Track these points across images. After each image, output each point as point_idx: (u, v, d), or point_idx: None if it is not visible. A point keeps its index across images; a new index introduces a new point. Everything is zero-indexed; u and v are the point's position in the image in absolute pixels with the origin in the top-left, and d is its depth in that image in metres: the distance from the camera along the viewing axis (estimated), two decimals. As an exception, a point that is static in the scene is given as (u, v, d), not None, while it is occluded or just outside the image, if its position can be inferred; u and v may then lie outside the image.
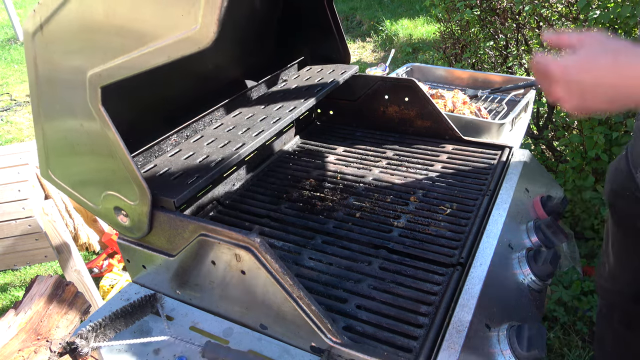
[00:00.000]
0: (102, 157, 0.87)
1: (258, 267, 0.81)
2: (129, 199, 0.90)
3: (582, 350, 1.93)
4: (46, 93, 0.86)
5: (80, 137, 0.87)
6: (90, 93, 0.79)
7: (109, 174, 0.89)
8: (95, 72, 0.76)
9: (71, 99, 0.83)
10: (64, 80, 0.82)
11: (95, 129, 0.83)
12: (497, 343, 0.86)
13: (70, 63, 0.80)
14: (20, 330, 1.11)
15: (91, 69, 0.77)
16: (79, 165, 0.92)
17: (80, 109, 0.82)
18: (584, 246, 2.33)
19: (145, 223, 0.91)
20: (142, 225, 0.92)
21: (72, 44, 0.78)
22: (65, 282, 1.20)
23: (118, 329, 0.89)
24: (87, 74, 0.77)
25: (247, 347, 0.88)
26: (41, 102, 0.88)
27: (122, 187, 0.89)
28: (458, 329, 0.84)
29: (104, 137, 0.82)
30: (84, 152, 0.89)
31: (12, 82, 5.43)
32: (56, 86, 0.84)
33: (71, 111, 0.85)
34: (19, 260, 1.95)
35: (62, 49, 0.80)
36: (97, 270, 2.53)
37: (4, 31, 7.00)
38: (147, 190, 0.86)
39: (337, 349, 0.81)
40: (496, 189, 1.22)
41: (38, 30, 0.80)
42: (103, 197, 0.93)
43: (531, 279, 1.02)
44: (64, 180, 0.97)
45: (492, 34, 2.85)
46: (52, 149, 0.94)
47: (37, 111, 0.90)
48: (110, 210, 0.93)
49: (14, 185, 1.85)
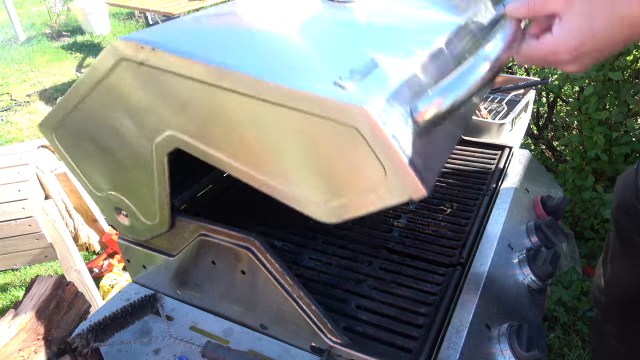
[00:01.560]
0: (132, 164, 0.83)
1: (258, 267, 0.81)
2: (143, 217, 0.89)
3: (582, 351, 1.93)
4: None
5: (113, 139, 0.83)
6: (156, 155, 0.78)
7: (132, 183, 0.86)
8: (180, 138, 0.74)
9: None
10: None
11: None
12: (497, 343, 0.86)
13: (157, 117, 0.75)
14: (20, 330, 1.11)
15: (178, 134, 0.73)
16: (97, 156, 0.87)
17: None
18: (584, 246, 2.33)
19: (148, 237, 0.92)
20: (144, 236, 0.92)
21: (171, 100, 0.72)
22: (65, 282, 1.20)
23: (118, 329, 0.89)
24: (167, 133, 0.75)
25: (247, 347, 0.88)
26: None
27: (141, 204, 0.88)
28: (458, 329, 0.84)
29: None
30: (109, 149, 0.85)
31: (12, 82, 5.43)
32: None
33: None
34: (19, 260, 1.95)
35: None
36: (97, 270, 2.53)
37: (4, 31, 7.00)
38: (168, 223, 0.87)
39: (337, 349, 0.81)
40: (496, 189, 1.22)
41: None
42: (109, 193, 0.91)
43: (531, 279, 1.02)
44: (69, 153, 0.90)
45: (492, 34, 2.85)
46: (71, 124, 0.85)
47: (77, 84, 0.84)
48: (110, 207, 0.93)
49: (14, 185, 1.85)
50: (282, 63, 0.65)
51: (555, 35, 0.63)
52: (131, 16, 7.20)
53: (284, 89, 0.58)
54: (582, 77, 2.14)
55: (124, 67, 0.72)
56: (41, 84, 5.35)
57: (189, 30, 0.76)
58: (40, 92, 5.18)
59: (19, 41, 6.57)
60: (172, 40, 0.69)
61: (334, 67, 0.63)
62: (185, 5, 4.70)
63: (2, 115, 4.68)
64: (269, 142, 0.65)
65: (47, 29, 6.81)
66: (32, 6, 7.88)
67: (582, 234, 2.34)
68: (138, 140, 0.79)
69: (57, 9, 6.63)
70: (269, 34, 0.75)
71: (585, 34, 0.61)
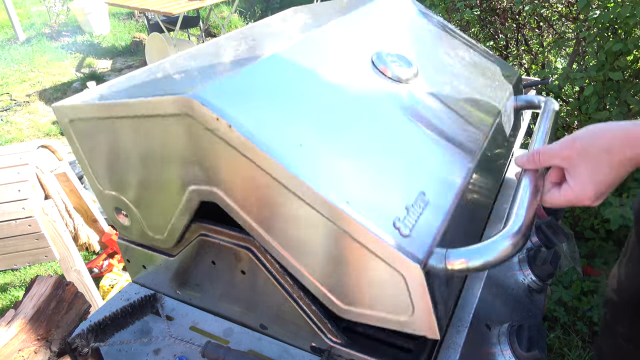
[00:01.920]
0: (154, 187, 0.82)
1: (258, 267, 0.81)
2: (148, 228, 0.89)
3: (582, 351, 1.93)
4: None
5: (141, 163, 0.81)
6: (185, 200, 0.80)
7: (146, 199, 0.86)
8: (222, 198, 0.75)
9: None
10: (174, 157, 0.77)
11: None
12: (497, 343, 0.86)
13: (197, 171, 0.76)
14: (20, 330, 1.11)
15: (224, 196, 0.75)
16: (114, 160, 0.85)
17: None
18: (584, 246, 2.33)
19: (145, 243, 0.92)
20: (141, 240, 0.92)
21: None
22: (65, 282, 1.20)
23: (118, 329, 0.89)
24: (211, 189, 0.76)
25: (247, 347, 0.88)
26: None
27: (149, 217, 0.87)
28: (458, 329, 0.84)
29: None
30: (132, 165, 0.83)
31: (12, 82, 5.43)
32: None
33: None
34: (19, 260, 1.95)
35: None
36: (97, 270, 2.53)
37: (4, 31, 7.01)
38: (175, 242, 0.87)
39: (337, 349, 0.81)
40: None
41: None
42: (114, 194, 0.90)
43: (531, 279, 1.02)
44: (82, 145, 0.88)
45: (492, 34, 2.85)
46: (97, 127, 0.83)
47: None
48: (111, 205, 0.93)
49: (14, 185, 1.85)
50: (351, 186, 0.68)
51: (573, 187, 0.70)
52: (131, 16, 7.21)
53: (350, 221, 0.64)
54: (582, 77, 2.14)
55: (187, 122, 0.70)
56: (41, 84, 5.36)
57: (267, 111, 0.73)
58: (40, 92, 5.18)
59: (18, 41, 6.57)
60: (249, 118, 0.69)
61: (393, 200, 0.69)
62: (185, 5, 4.70)
63: (2, 115, 4.68)
64: (318, 248, 0.70)
65: (47, 29, 6.81)
66: (32, 6, 7.88)
67: (582, 234, 2.34)
68: (171, 178, 0.79)
69: (57, 9, 6.63)
70: (337, 136, 0.75)
71: (597, 183, 0.68)
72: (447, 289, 0.71)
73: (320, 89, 0.82)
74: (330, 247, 0.68)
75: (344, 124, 0.77)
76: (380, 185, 0.71)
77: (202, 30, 5.81)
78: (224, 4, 6.90)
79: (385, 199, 0.69)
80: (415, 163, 0.79)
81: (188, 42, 5.27)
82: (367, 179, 0.70)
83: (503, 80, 1.18)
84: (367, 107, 0.83)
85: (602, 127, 0.68)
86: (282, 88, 0.78)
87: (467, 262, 0.65)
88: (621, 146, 0.65)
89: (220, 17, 6.52)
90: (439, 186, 0.76)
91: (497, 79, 1.16)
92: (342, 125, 0.77)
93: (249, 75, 0.77)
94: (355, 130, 0.77)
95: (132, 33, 6.58)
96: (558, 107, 1.02)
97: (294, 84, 0.80)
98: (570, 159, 0.69)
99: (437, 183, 0.77)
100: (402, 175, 0.75)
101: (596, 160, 0.67)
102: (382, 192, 0.69)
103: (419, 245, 0.65)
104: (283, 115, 0.73)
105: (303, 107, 0.76)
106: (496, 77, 1.17)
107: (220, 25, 5.77)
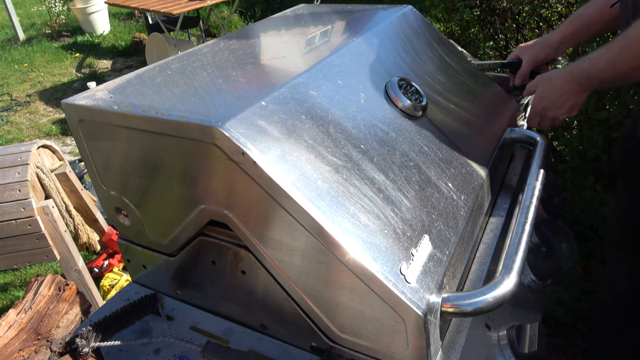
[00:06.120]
0: (163, 198, 0.83)
1: (258, 267, 0.81)
2: (149, 231, 0.90)
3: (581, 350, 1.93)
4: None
5: (153, 173, 0.82)
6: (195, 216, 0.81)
7: (152, 206, 0.86)
8: (234, 220, 0.77)
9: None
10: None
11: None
12: (497, 343, 0.86)
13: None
14: (21, 330, 1.11)
15: (236, 220, 0.77)
16: (121, 164, 0.86)
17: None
18: (584, 246, 2.33)
19: (143, 243, 0.93)
20: (139, 240, 0.92)
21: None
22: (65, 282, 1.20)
23: (118, 329, 0.89)
24: (223, 211, 0.78)
25: (247, 347, 0.88)
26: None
27: (152, 221, 0.88)
28: (458, 329, 0.84)
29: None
30: (142, 172, 0.83)
31: (12, 82, 5.43)
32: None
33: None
34: (19, 260, 1.95)
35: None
36: (97, 270, 2.53)
37: (4, 31, 7.00)
38: (176, 250, 0.88)
39: (337, 348, 0.81)
40: (498, 189, 1.22)
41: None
42: (117, 195, 0.90)
43: (531, 279, 1.02)
44: (89, 145, 0.88)
45: (492, 34, 2.85)
46: (110, 133, 0.83)
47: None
48: (112, 205, 0.92)
49: (14, 185, 1.84)
50: (366, 231, 0.71)
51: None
52: (131, 16, 7.20)
53: (363, 269, 0.68)
54: (582, 77, 2.13)
55: (210, 149, 0.71)
56: (41, 84, 5.35)
57: (288, 146, 0.74)
58: (40, 92, 5.18)
59: (19, 41, 6.57)
60: (273, 154, 0.70)
61: (400, 243, 0.73)
62: (185, 5, 4.69)
63: (2, 115, 4.68)
64: (325, 284, 0.74)
65: (47, 29, 6.81)
66: (32, 6, 7.88)
67: (582, 234, 2.34)
68: (182, 194, 0.80)
69: (57, 9, 6.63)
70: (353, 176, 0.78)
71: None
72: (440, 328, 0.76)
73: (335, 122, 0.83)
74: (336, 283, 0.72)
75: (359, 162, 0.80)
76: (390, 227, 0.74)
77: (202, 31, 5.81)
78: (224, 4, 6.90)
79: (393, 243, 0.72)
80: (420, 203, 0.82)
81: (188, 42, 5.27)
82: (379, 222, 0.74)
83: (501, 112, 1.24)
84: (380, 145, 0.86)
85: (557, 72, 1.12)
86: (300, 122, 0.79)
87: (460, 307, 0.73)
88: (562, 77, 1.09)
89: (220, 17, 6.52)
90: (441, 230, 0.81)
91: (495, 111, 1.22)
92: (358, 163, 0.79)
93: (271, 106, 0.78)
94: (370, 171, 0.80)
95: (132, 33, 6.57)
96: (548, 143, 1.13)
97: (311, 117, 0.81)
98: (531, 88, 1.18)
99: (440, 225, 0.81)
100: (409, 216, 0.78)
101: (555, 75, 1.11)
102: (391, 236, 0.73)
103: (422, 294, 0.70)
104: (303, 153, 0.75)
105: (320, 143, 0.78)
106: (495, 110, 1.23)
107: (221, 25, 5.77)
